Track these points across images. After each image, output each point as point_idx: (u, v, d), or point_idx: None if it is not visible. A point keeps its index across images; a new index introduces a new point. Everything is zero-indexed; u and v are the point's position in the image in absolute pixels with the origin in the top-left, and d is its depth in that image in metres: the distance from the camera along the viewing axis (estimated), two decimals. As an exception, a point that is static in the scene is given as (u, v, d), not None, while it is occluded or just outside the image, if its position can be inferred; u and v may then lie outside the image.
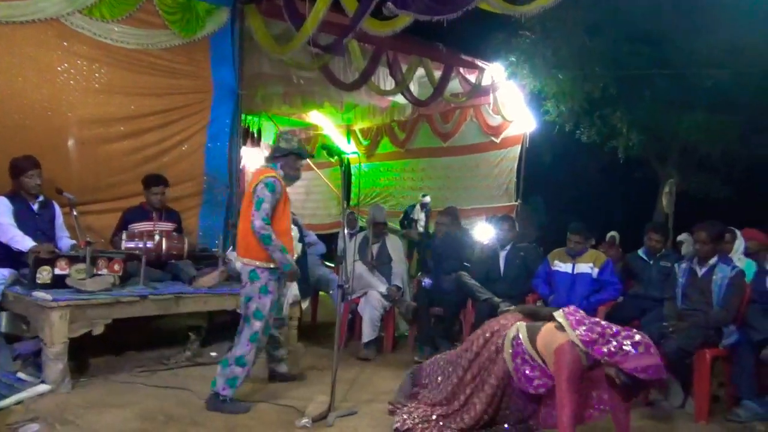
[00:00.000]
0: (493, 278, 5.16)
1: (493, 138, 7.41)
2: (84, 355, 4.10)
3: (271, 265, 3.52)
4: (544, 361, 3.04)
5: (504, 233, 5.26)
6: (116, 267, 4.14)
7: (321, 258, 6.11)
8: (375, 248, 5.62)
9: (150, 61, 5.07)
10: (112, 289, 4.00)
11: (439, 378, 3.49)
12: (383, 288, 5.34)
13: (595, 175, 11.99)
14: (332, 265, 6.72)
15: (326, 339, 5.44)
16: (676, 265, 4.39)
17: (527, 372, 3.08)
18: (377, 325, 5.21)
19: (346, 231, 3.71)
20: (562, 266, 4.77)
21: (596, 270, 4.66)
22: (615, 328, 2.83)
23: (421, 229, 7.54)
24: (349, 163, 8.70)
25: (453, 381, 3.35)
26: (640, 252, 4.98)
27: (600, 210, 10.34)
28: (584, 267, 4.69)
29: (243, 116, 7.24)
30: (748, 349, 3.87)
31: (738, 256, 4.66)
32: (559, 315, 3.03)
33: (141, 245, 4.42)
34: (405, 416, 3.35)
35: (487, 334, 3.29)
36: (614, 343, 2.75)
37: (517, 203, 6.97)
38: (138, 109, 5.06)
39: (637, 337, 2.75)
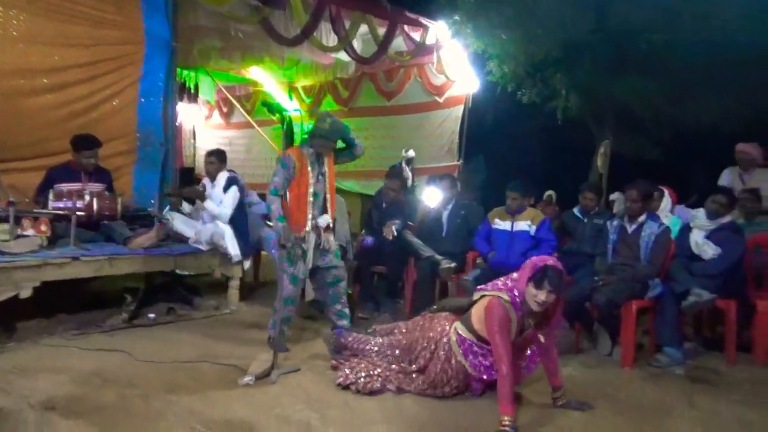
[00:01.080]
0: (435, 236, 5.24)
1: (436, 97, 7.41)
2: (12, 319, 3.93)
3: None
4: (482, 338, 3.16)
5: (445, 192, 5.32)
6: (43, 227, 3.95)
7: (263, 218, 6.03)
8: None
9: (74, 8, 4.75)
10: (39, 250, 3.82)
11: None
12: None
13: (534, 136, 12.25)
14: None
15: (269, 299, 5.44)
16: (608, 222, 4.58)
17: (485, 363, 3.16)
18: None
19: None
20: (502, 224, 4.89)
21: (534, 227, 4.80)
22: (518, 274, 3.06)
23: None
24: (291, 121, 8.52)
25: (405, 346, 3.44)
26: (575, 210, 5.18)
27: (539, 170, 10.60)
28: (522, 225, 4.82)
29: (179, 71, 6.97)
30: (671, 301, 4.12)
31: (665, 214, 4.92)
32: (477, 296, 3.18)
33: (70, 205, 4.22)
34: (347, 371, 3.40)
35: (432, 346, 3.32)
36: (517, 275, 3.01)
37: (459, 163, 7.04)
38: (62, 61, 4.76)
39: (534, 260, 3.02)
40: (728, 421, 3.16)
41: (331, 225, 4.14)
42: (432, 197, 5.62)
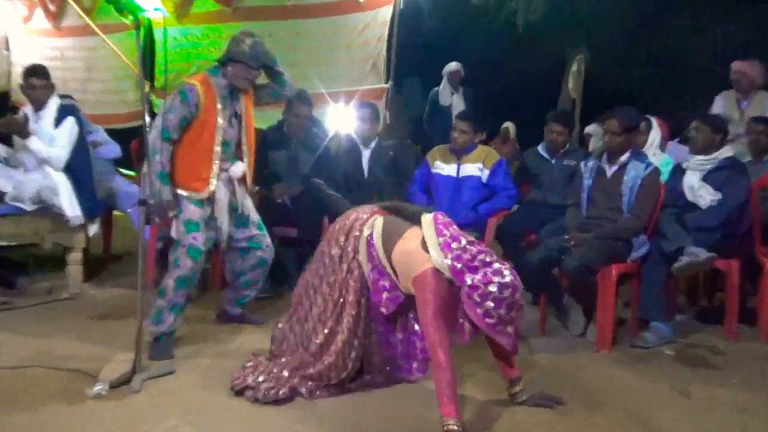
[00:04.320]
0: (355, 184, 5.25)
1: (355, -6, 7.29)
2: None
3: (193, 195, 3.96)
4: (396, 275, 3.24)
5: (366, 126, 5.30)
6: None
7: (114, 164, 5.84)
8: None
9: None
10: None
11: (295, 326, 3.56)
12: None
13: (488, 50, 12.34)
14: (130, 173, 6.42)
15: (126, 276, 5.30)
16: (581, 163, 4.72)
17: (380, 282, 3.30)
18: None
19: (148, 121, 3.55)
20: (445, 168, 4.95)
21: (486, 172, 4.89)
22: (488, 254, 3.00)
23: None
24: (150, 26, 8.17)
25: (313, 315, 3.45)
26: (540, 148, 5.30)
27: (493, 95, 10.74)
28: (471, 168, 4.90)
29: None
30: (659, 262, 4.33)
31: (653, 151, 5.12)
32: (427, 224, 3.16)
33: None
34: (247, 371, 3.42)
35: (342, 237, 3.42)
36: (480, 275, 2.91)
37: (387, 86, 7.01)
38: None
39: (507, 277, 2.90)
40: (727, 410, 3.38)
41: (247, 179, 4.17)
42: (344, 125, 5.61)
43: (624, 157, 4.46)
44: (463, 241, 3.03)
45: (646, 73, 11.52)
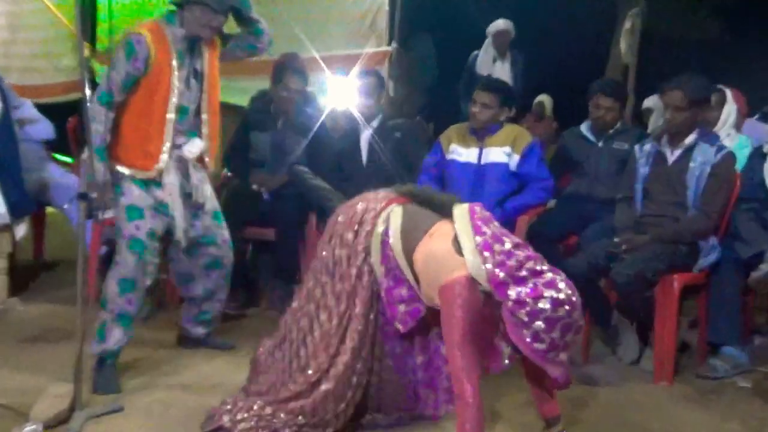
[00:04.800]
0: (351, 173, 5.29)
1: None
2: None
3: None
4: (417, 281, 3.17)
5: (367, 99, 5.33)
6: None
7: (47, 148, 5.88)
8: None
9: None
10: None
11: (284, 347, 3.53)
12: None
13: (519, 2, 12.32)
14: (67, 159, 6.46)
15: (62, 288, 5.32)
16: (636, 147, 4.73)
17: (396, 291, 3.22)
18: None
19: (88, 94, 3.57)
20: (463, 152, 4.96)
21: (515, 157, 4.90)
22: (539, 261, 2.93)
23: None
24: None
25: (315, 337, 3.39)
26: (583, 128, 5.32)
27: (524, 61, 10.73)
28: (497, 153, 4.91)
29: None
30: (733, 272, 4.35)
31: (727, 131, 5.13)
32: (461, 218, 3.08)
33: None
34: (222, 411, 3.36)
35: (350, 234, 3.34)
36: (529, 287, 2.83)
37: (391, 49, 7.03)
38: None
39: (563, 291, 2.82)
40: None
41: (206, 159, 4.17)
42: (340, 98, 5.63)
43: (689, 139, 4.46)
44: (508, 243, 2.94)
45: (718, 33, 11.49)
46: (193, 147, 4.05)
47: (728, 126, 5.19)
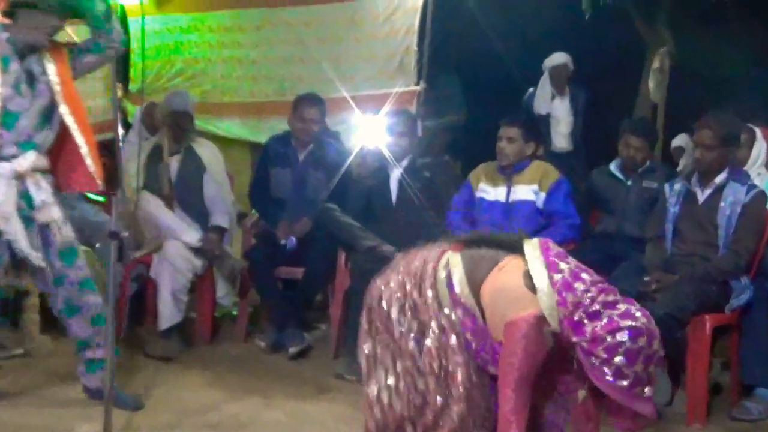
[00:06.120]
0: (380, 213, 5.30)
1: (376, -28, 7.39)
2: None
3: None
4: (484, 319, 2.93)
5: (397, 138, 5.35)
6: None
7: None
8: (174, 165, 5.56)
9: None
10: None
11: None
12: (193, 236, 5.30)
13: (548, 42, 12.35)
14: (99, 199, 6.52)
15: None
16: (666, 185, 4.74)
17: (470, 332, 2.95)
18: (183, 300, 5.21)
19: (121, 133, 3.58)
20: (491, 191, 4.98)
21: (542, 195, 4.90)
22: (611, 292, 2.78)
23: None
24: (124, 15, 8.33)
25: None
26: (613, 167, 5.32)
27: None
28: (524, 190, 4.92)
29: None
30: (765, 312, 4.33)
31: (758, 170, 5.09)
32: (532, 251, 2.90)
33: None
34: None
35: (415, 292, 3.02)
36: (604, 321, 2.69)
37: (419, 88, 7.07)
38: None
39: (640, 320, 2.67)
40: None
41: (46, 169, 3.82)
42: (369, 139, 5.65)
43: (720, 178, 4.46)
44: (587, 281, 2.77)
45: (747, 69, 11.45)
46: (24, 161, 3.68)
47: (758, 165, 5.15)
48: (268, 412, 3.76)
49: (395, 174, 5.35)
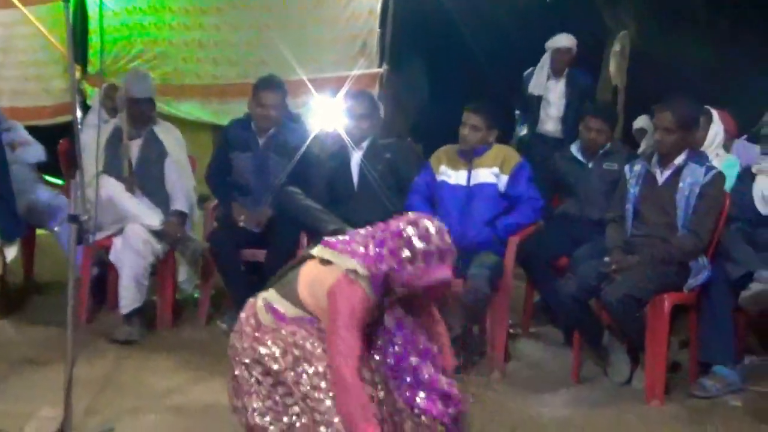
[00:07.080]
0: (343, 195, 5.31)
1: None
2: None
3: None
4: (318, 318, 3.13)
5: (358, 121, 5.35)
6: None
7: (37, 170, 5.91)
8: (136, 149, 5.52)
9: None
10: None
11: None
12: (154, 220, 5.27)
13: (510, 25, 12.36)
14: (57, 181, 6.47)
15: (53, 311, 5.31)
16: (626, 167, 4.77)
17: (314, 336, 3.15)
18: (145, 284, 5.19)
19: (79, 116, 3.55)
20: (452, 174, 4.98)
21: (504, 178, 4.92)
22: (378, 228, 3.10)
23: None
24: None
25: None
26: (574, 149, 5.36)
27: (515, 82, 10.78)
28: (485, 174, 4.93)
29: None
30: (723, 291, 4.38)
31: (716, 151, 5.16)
32: (317, 249, 3.17)
33: None
34: None
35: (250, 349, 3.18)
36: (390, 242, 2.99)
37: (382, 70, 7.07)
38: None
39: (432, 227, 2.97)
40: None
41: None
42: (329, 121, 5.64)
43: (679, 160, 4.51)
44: (362, 233, 3.13)
45: (708, 54, 11.56)
46: None
47: (715, 146, 5.20)
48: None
49: (356, 156, 5.36)
